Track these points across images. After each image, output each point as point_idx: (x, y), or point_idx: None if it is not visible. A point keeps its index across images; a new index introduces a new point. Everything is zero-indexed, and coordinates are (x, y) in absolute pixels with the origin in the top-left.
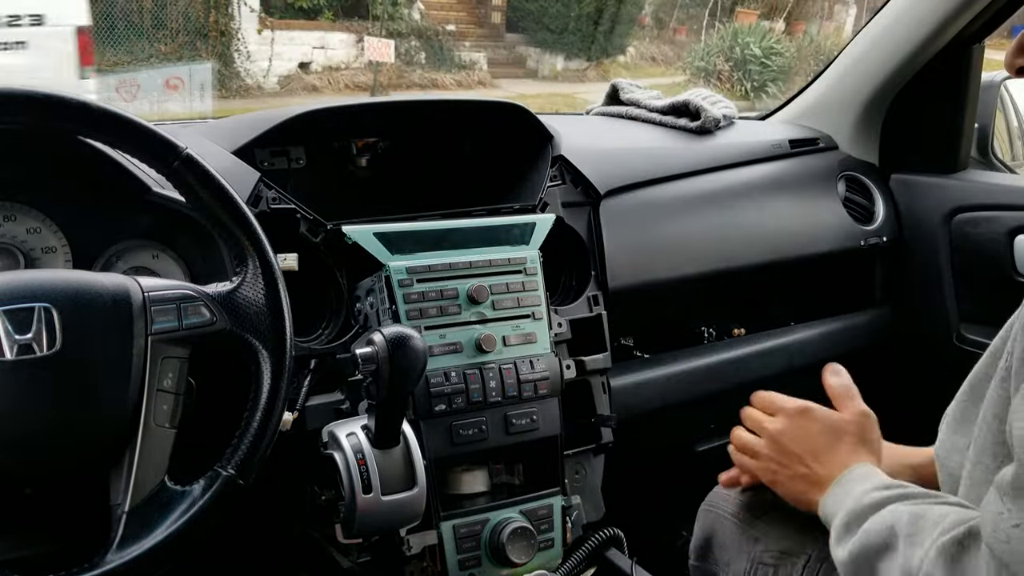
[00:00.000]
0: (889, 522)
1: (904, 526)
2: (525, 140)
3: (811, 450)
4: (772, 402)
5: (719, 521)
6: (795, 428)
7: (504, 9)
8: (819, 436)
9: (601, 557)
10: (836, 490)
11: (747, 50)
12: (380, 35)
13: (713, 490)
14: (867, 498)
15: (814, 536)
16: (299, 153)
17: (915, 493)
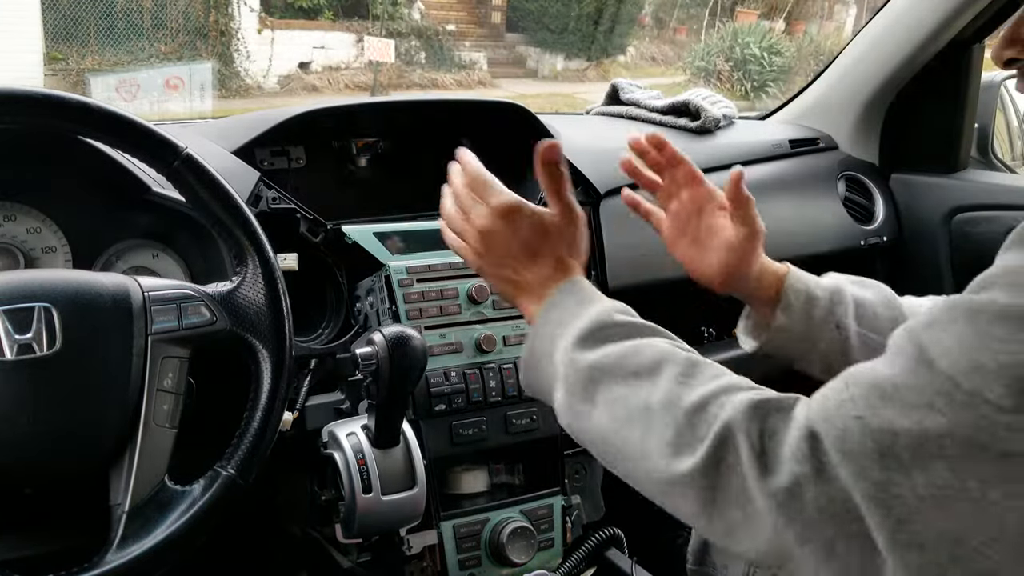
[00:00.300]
0: (657, 355)
1: (679, 364)
2: (525, 140)
3: (518, 255)
4: (482, 187)
5: None
6: (501, 228)
7: (504, 9)
8: (528, 240)
9: (601, 557)
10: (565, 299)
11: (747, 50)
12: (380, 35)
13: None
14: (618, 316)
15: None
16: (299, 153)
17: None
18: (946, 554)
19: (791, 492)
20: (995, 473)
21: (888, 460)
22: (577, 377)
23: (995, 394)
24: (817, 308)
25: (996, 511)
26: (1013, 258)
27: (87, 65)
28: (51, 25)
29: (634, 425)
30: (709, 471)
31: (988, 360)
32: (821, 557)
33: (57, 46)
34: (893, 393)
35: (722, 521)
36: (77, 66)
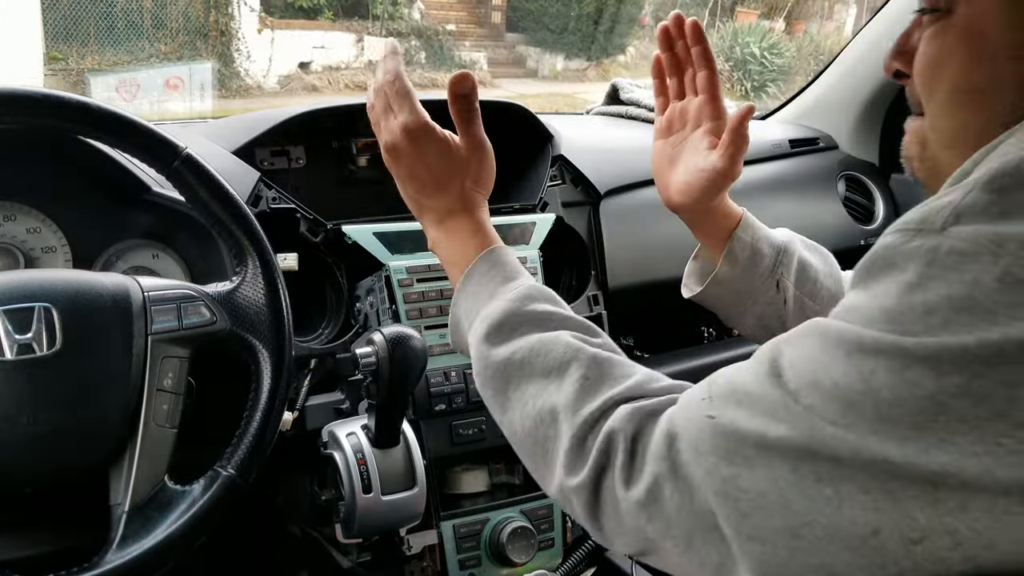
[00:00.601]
0: (564, 353)
1: (584, 364)
2: (525, 140)
3: (422, 177)
4: (398, 98)
5: None
6: (407, 147)
7: (504, 9)
8: (432, 165)
9: (601, 557)
10: (483, 273)
11: (747, 50)
12: (380, 35)
13: None
14: (529, 306)
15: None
16: (299, 153)
17: (583, 325)
18: (784, 547)
19: (651, 491)
20: (827, 475)
21: (734, 458)
22: (489, 372)
23: (829, 411)
24: (761, 263)
25: (828, 510)
26: (854, 295)
27: (87, 65)
28: (51, 25)
29: (544, 427)
30: (593, 482)
31: (825, 379)
32: (681, 549)
33: (57, 46)
34: (744, 398)
35: (604, 525)
36: (77, 66)
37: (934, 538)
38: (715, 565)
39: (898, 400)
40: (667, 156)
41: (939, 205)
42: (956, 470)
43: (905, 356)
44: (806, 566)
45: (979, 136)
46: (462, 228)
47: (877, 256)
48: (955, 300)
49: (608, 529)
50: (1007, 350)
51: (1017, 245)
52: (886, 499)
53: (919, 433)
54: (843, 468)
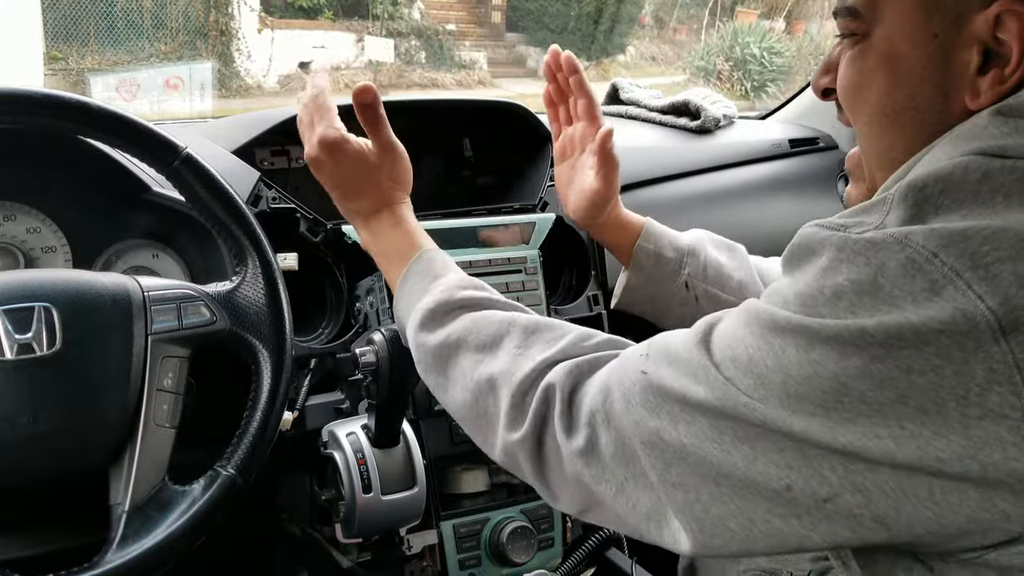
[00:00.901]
0: (497, 327)
1: (517, 334)
2: (525, 140)
3: (343, 185)
4: (318, 112)
5: None
6: (326, 160)
7: (504, 8)
8: (351, 173)
9: (601, 557)
10: (415, 275)
11: (747, 50)
12: (380, 35)
13: None
14: (460, 293)
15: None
16: (299, 153)
17: (512, 304)
18: (707, 494)
19: (589, 440)
20: (743, 433)
21: (660, 411)
22: (428, 358)
23: (744, 384)
24: (666, 268)
25: (744, 464)
26: (778, 282)
27: (87, 65)
28: (51, 25)
29: (483, 396)
30: (535, 434)
31: (742, 353)
32: (614, 493)
33: (57, 45)
34: (674, 360)
35: (549, 479)
36: (77, 65)
37: (845, 496)
38: (647, 510)
39: (805, 378)
40: (564, 178)
41: (859, 219)
42: (860, 449)
43: (812, 336)
44: (727, 512)
45: (906, 155)
46: (385, 223)
47: (796, 245)
48: (861, 284)
49: (553, 481)
50: (905, 335)
51: (922, 238)
52: (798, 459)
53: (825, 412)
54: (757, 429)
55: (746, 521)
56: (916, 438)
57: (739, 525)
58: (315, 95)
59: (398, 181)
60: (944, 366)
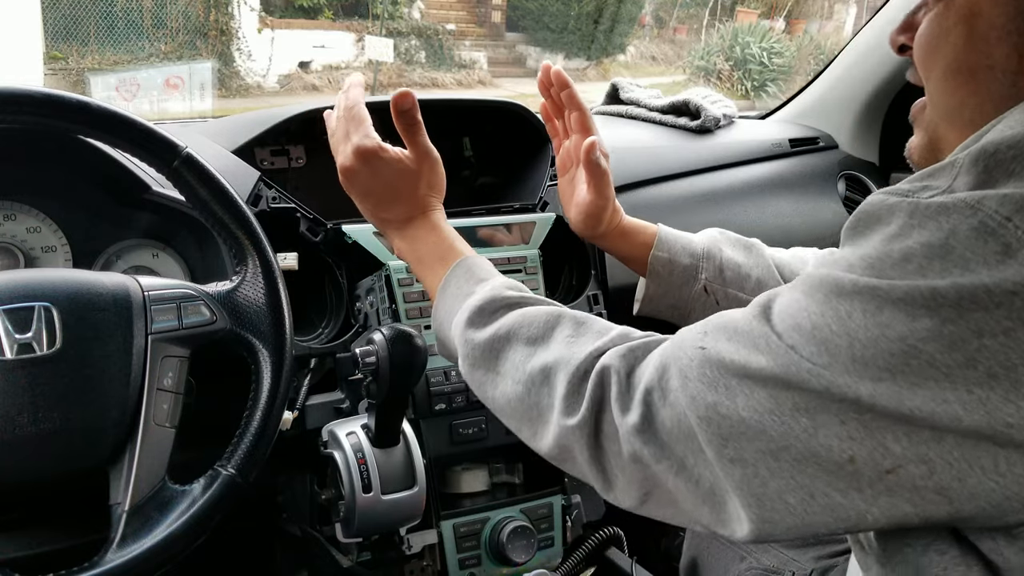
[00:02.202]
0: (547, 319)
1: (568, 325)
2: (525, 140)
3: (380, 194)
4: (352, 123)
5: (706, 540)
6: (362, 169)
7: (504, 8)
8: (388, 181)
9: (601, 556)
10: (457, 278)
11: (747, 49)
12: (380, 34)
13: None
14: (507, 292)
15: (798, 553)
16: (299, 152)
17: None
18: (765, 468)
19: (645, 417)
20: (803, 405)
21: (718, 385)
22: (476, 352)
23: (806, 352)
24: (683, 275)
25: (805, 436)
26: (839, 252)
27: (87, 64)
28: (51, 24)
29: (537, 387)
30: (592, 419)
31: (805, 321)
32: (675, 471)
33: (57, 45)
34: (734, 334)
35: (605, 465)
36: (77, 65)
37: (909, 467)
38: (708, 487)
39: (872, 342)
40: (566, 193)
41: (926, 184)
42: (926, 415)
43: (880, 298)
44: (786, 487)
45: (975, 114)
46: (422, 230)
47: (863, 212)
48: (931, 247)
49: (609, 468)
50: (978, 297)
51: (995, 203)
52: (861, 430)
53: (892, 376)
54: (819, 400)
55: (806, 496)
56: (984, 404)
57: (798, 500)
58: (349, 106)
59: (434, 187)
60: (1016, 329)
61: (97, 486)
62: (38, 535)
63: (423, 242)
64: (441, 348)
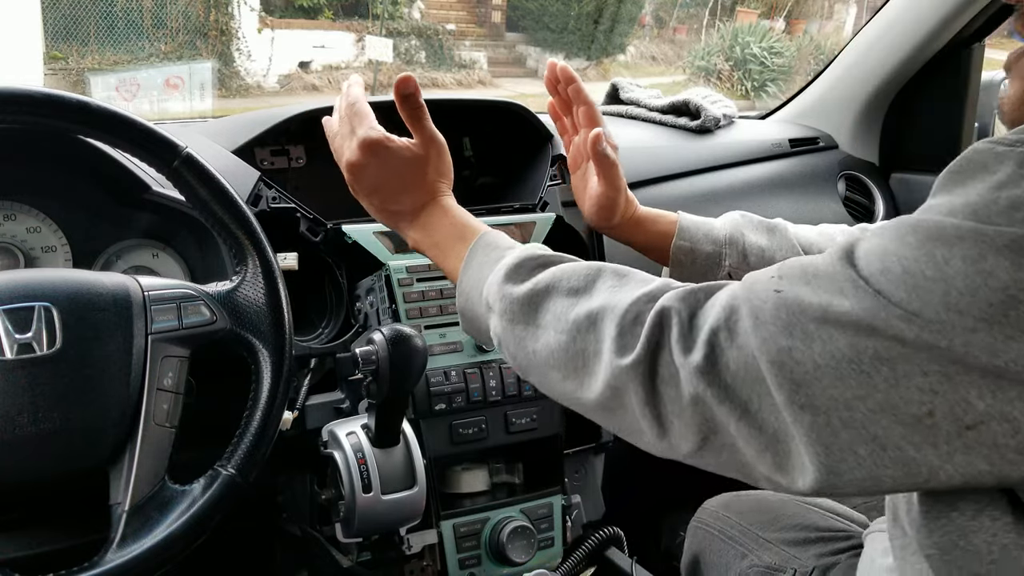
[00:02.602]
0: (588, 270)
1: (610, 275)
2: (525, 139)
3: (389, 184)
4: (355, 118)
5: (708, 538)
6: (370, 161)
7: (504, 8)
8: (397, 170)
9: (601, 556)
10: (483, 249)
11: (747, 49)
12: (380, 34)
13: (702, 506)
14: (540, 250)
15: (800, 551)
16: (299, 152)
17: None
18: (837, 418)
19: (709, 357)
20: (885, 354)
21: (793, 329)
22: (515, 307)
23: (896, 296)
24: (707, 263)
25: (884, 386)
26: (935, 199)
27: (87, 64)
28: (51, 24)
29: (582, 334)
30: (648, 358)
31: (895, 266)
32: (738, 415)
33: (57, 45)
34: (812, 278)
35: (661, 409)
36: (77, 65)
37: (991, 424)
38: (772, 432)
39: (970, 289)
40: (579, 188)
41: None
42: (1019, 370)
43: (984, 244)
44: (857, 437)
45: None
46: (435, 215)
47: (967, 160)
48: None
49: (665, 413)
50: None
51: None
52: (944, 383)
53: (988, 326)
54: (904, 349)
55: (877, 448)
56: None
57: (868, 451)
58: (351, 103)
59: (442, 173)
60: None
61: (97, 486)
62: (38, 535)
63: (437, 227)
64: (467, 324)
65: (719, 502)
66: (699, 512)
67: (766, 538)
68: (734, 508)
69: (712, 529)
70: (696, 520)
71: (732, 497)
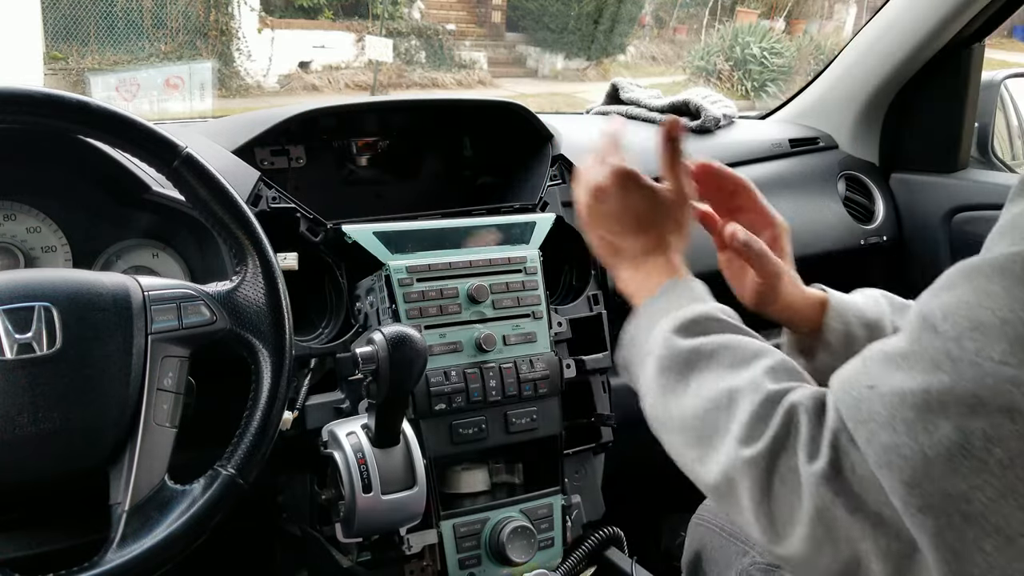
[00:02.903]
0: (755, 349)
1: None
2: (525, 139)
3: (624, 220)
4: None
5: (709, 535)
6: (614, 190)
7: (504, 8)
8: (636, 208)
9: (601, 556)
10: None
11: (747, 49)
12: (380, 34)
13: (703, 503)
14: (722, 315)
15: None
16: (299, 152)
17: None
18: (957, 514)
19: (832, 465)
20: (998, 430)
21: (896, 423)
22: (673, 360)
23: (997, 351)
24: (856, 345)
25: (999, 468)
26: (1013, 208)
27: (87, 64)
28: (51, 24)
29: (718, 409)
30: (770, 452)
31: (988, 318)
32: (872, 523)
33: (57, 45)
34: (901, 361)
35: (775, 510)
36: (77, 65)
37: None
38: (895, 549)
39: None
40: (731, 268)
41: None
42: None
43: None
44: (981, 531)
45: None
46: (659, 268)
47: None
48: None
49: (779, 514)
50: None
51: None
52: None
53: None
54: (1015, 426)
55: (1003, 542)
56: None
57: (995, 546)
58: (610, 131)
59: (681, 229)
60: None
61: (97, 486)
62: (38, 535)
63: (656, 280)
64: (623, 352)
65: None
66: (700, 509)
67: None
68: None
69: (713, 526)
70: (697, 517)
71: None
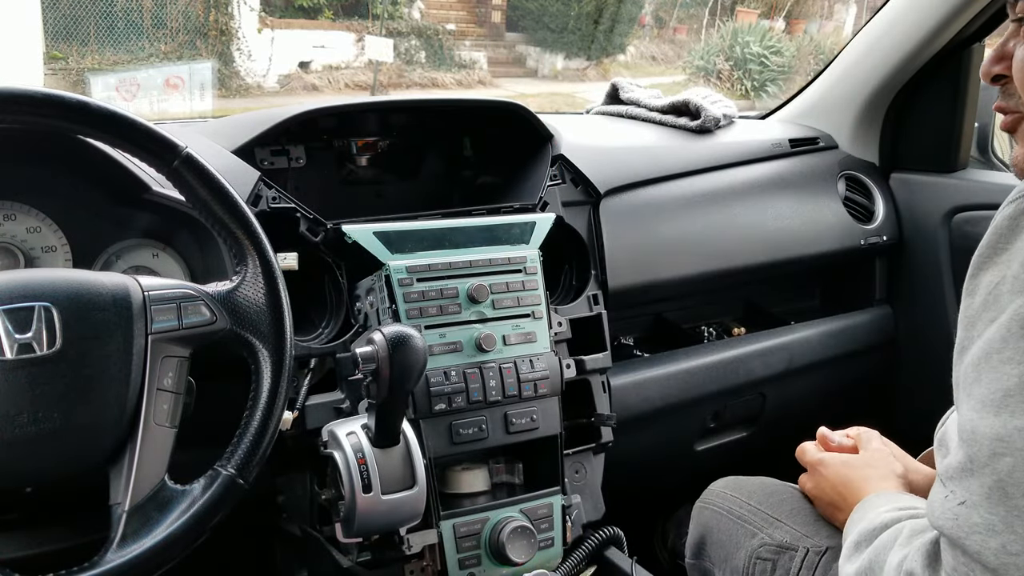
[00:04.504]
0: (894, 536)
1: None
2: (525, 139)
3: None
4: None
5: (715, 518)
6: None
7: (504, 8)
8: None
9: (601, 556)
10: (854, 515)
11: (747, 49)
12: (380, 34)
13: (708, 487)
14: (879, 518)
15: (812, 530)
16: (299, 152)
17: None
18: None
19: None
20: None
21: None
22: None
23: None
24: None
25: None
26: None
27: (87, 64)
28: (51, 24)
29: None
30: None
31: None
32: None
33: (57, 45)
34: (967, 472)
35: None
36: (77, 65)
37: None
38: None
39: None
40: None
41: None
42: None
43: None
44: None
45: None
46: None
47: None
48: None
49: None
50: None
51: None
52: None
53: None
54: None
55: None
56: None
57: None
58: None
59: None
60: None
61: (97, 486)
62: (38, 535)
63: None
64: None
65: (725, 484)
66: (705, 494)
67: (776, 517)
68: (743, 488)
69: (720, 509)
70: (702, 501)
71: (738, 479)
